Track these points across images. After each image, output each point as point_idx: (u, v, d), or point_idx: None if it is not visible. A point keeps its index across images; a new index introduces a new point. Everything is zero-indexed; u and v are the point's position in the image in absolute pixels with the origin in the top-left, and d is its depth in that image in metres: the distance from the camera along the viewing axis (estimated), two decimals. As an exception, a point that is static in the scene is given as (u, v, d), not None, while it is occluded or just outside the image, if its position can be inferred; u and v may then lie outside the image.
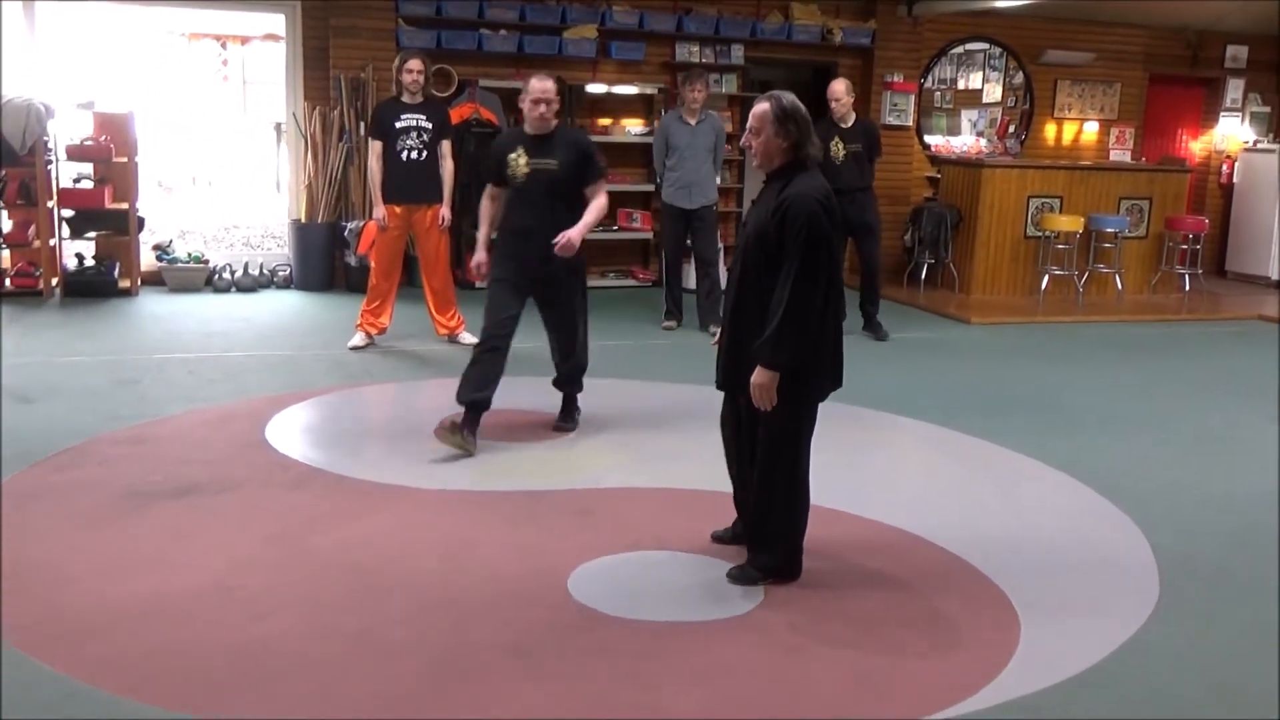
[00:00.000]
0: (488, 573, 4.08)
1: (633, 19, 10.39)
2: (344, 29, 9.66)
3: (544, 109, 5.43)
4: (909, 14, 11.10)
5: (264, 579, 3.97)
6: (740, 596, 3.95)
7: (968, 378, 7.52)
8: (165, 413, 5.96)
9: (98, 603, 3.72)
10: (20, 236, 8.99)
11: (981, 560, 4.35)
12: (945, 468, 5.64)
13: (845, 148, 8.40)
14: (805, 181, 3.84)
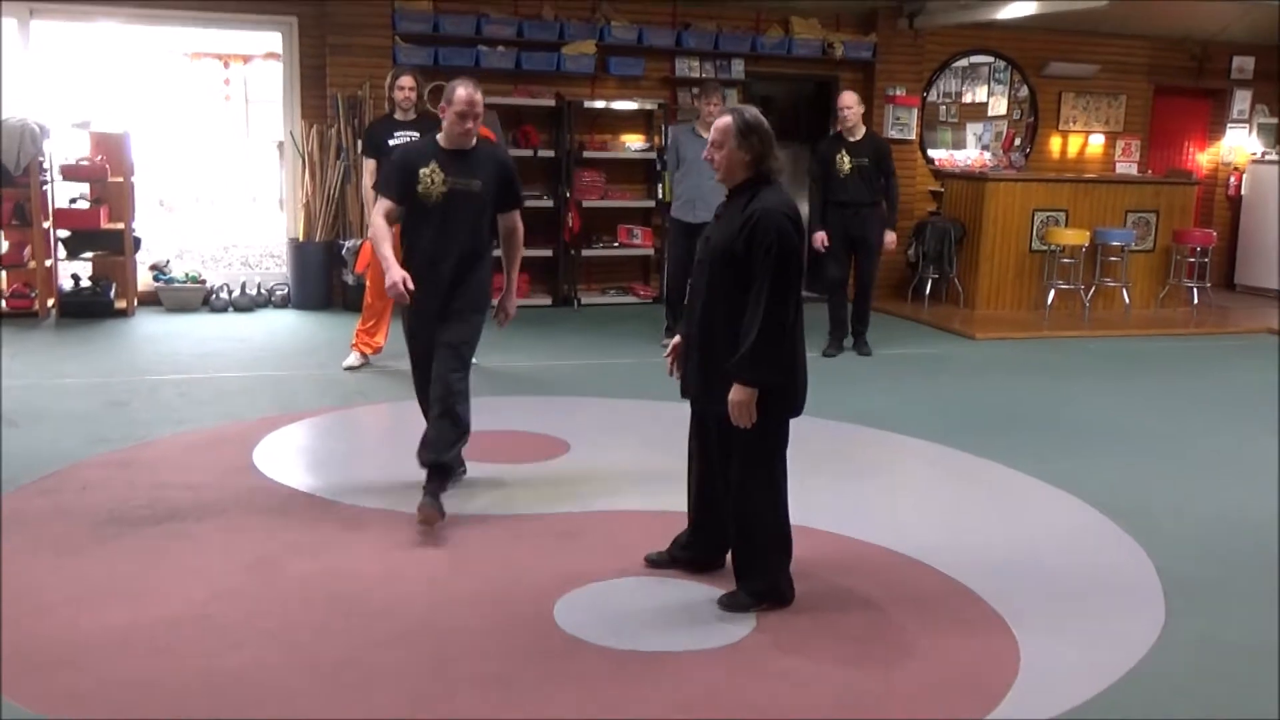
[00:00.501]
0: (472, 600, 3.98)
1: (631, 34, 10.33)
2: (340, 47, 9.61)
3: (470, 124, 4.64)
4: (910, 27, 11.01)
5: (243, 607, 3.87)
6: (731, 623, 3.84)
7: (969, 394, 7.41)
8: (153, 436, 5.88)
9: (72, 632, 3.63)
10: (15, 257, 8.93)
11: (978, 583, 4.23)
12: (943, 487, 5.53)
13: (851, 161, 8.26)
14: (771, 196, 3.80)
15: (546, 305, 10.28)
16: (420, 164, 4.68)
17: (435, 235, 4.69)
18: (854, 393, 7.33)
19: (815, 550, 4.49)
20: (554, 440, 5.98)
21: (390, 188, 4.77)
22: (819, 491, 5.23)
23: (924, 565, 4.41)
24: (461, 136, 4.67)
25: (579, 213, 10.22)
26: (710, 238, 3.93)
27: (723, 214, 3.93)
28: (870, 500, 5.22)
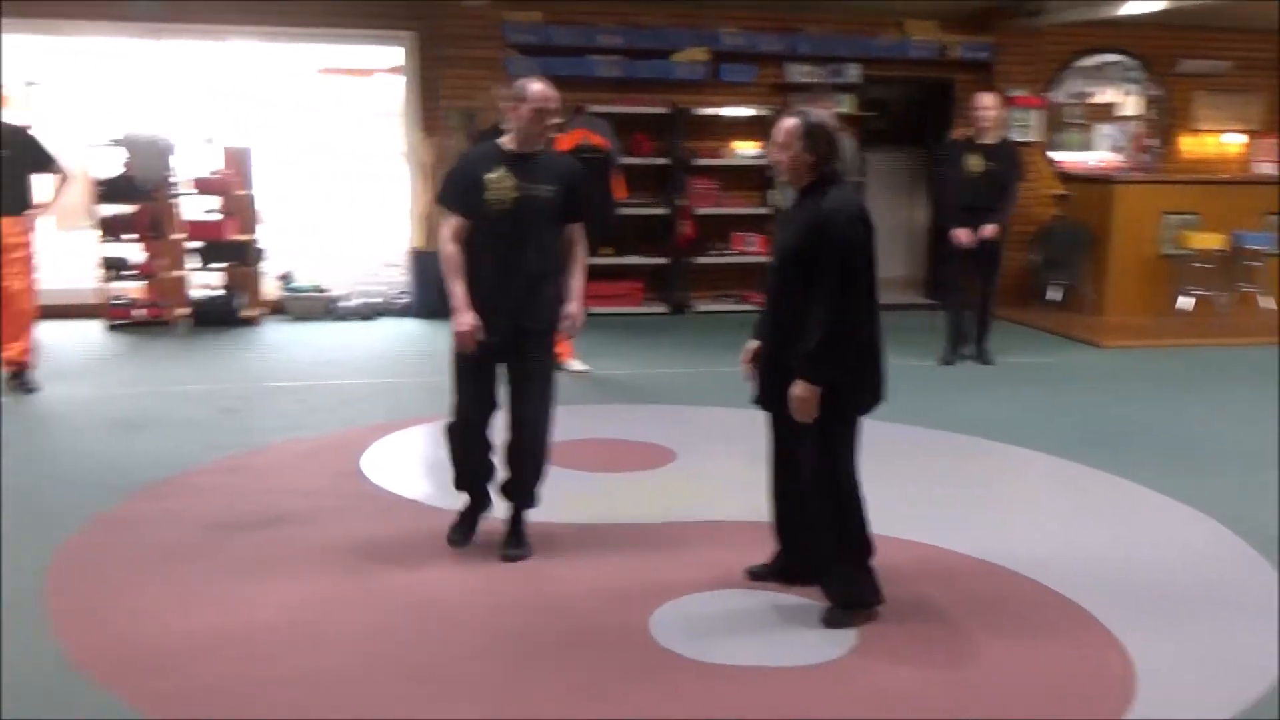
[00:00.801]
0: (566, 610, 3.93)
1: (743, 41, 10.22)
2: (454, 59, 9.72)
3: (549, 121, 4.25)
4: (1030, 26, 10.66)
5: (336, 613, 3.89)
6: (831, 640, 3.71)
7: (1091, 405, 7.10)
8: (266, 442, 5.99)
9: (170, 635, 3.68)
10: (150, 268, 9.25)
11: (1093, 600, 4.02)
12: (1058, 500, 5.29)
13: (982, 164, 7.95)
14: (839, 196, 3.71)
15: (660, 313, 10.23)
16: (486, 169, 4.19)
17: (506, 250, 4.20)
18: (970, 402, 7.10)
19: (919, 564, 4.34)
20: (660, 449, 5.91)
21: (456, 200, 4.23)
22: (926, 504, 5.07)
23: (1035, 581, 4.21)
24: (537, 137, 4.23)
25: (693, 220, 10.15)
26: (780, 241, 3.85)
27: (791, 216, 3.86)
28: (980, 513, 5.02)
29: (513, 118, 4.22)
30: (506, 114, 4.29)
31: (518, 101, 4.18)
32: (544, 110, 4.19)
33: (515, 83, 4.25)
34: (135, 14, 9.29)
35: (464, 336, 4.22)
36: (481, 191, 4.16)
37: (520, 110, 4.18)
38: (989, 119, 8.00)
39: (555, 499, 5.01)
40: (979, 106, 8.05)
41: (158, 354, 8.23)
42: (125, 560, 4.33)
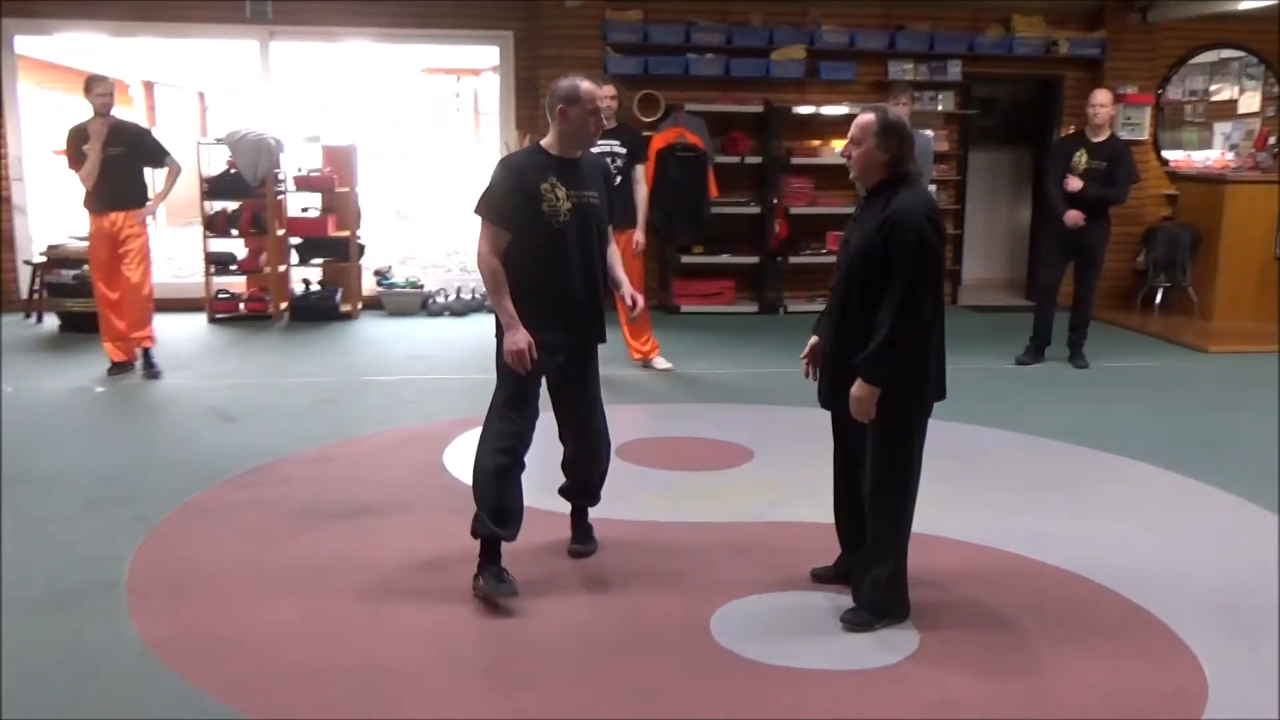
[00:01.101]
0: (630, 607, 3.96)
1: (843, 38, 10.13)
2: (553, 58, 9.80)
3: (602, 122, 4.08)
4: (1143, 21, 10.36)
5: (409, 604, 3.97)
6: (891, 645, 3.67)
7: (1190, 411, 6.88)
8: (355, 434, 6.14)
9: (246, 620, 3.80)
10: (253, 263, 9.54)
11: (1173, 616, 3.90)
12: (1146, 509, 5.13)
13: (1089, 162, 7.77)
14: (910, 196, 3.64)
15: (752, 313, 10.19)
16: (539, 179, 3.91)
17: (566, 263, 3.97)
18: (1062, 405, 6.93)
19: (993, 571, 4.27)
20: (739, 448, 5.90)
21: (503, 214, 3.90)
22: (1006, 510, 4.98)
23: (1112, 591, 4.11)
24: (590, 138, 4.03)
25: (786, 219, 10.09)
26: (849, 241, 3.80)
27: (860, 216, 3.80)
28: (1062, 522, 4.90)
29: (562, 121, 3.96)
30: (557, 117, 3.97)
31: (568, 104, 3.93)
32: (599, 111, 4.00)
33: (561, 82, 3.99)
34: (251, 15, 9.59)
35: (521, 356, 3.92)
36: (538, 202, 3.90)
37: (572, 112, 3.94)
38: (1101, 115, 7.82)
39: (628, 496, 5.05)
40: (1093, 103, 7.87)
41: (258, 347, 8.49)
42: (209, 545, 4.48)
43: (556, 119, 3.98)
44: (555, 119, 3.99)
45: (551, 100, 3.99)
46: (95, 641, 3.63)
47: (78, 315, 8.72)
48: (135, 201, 7.28)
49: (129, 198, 7.24)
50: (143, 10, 9.50)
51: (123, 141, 7.18)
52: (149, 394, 7.00)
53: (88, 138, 7.09)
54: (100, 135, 7.07)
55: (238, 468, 5.46)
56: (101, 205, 7.16)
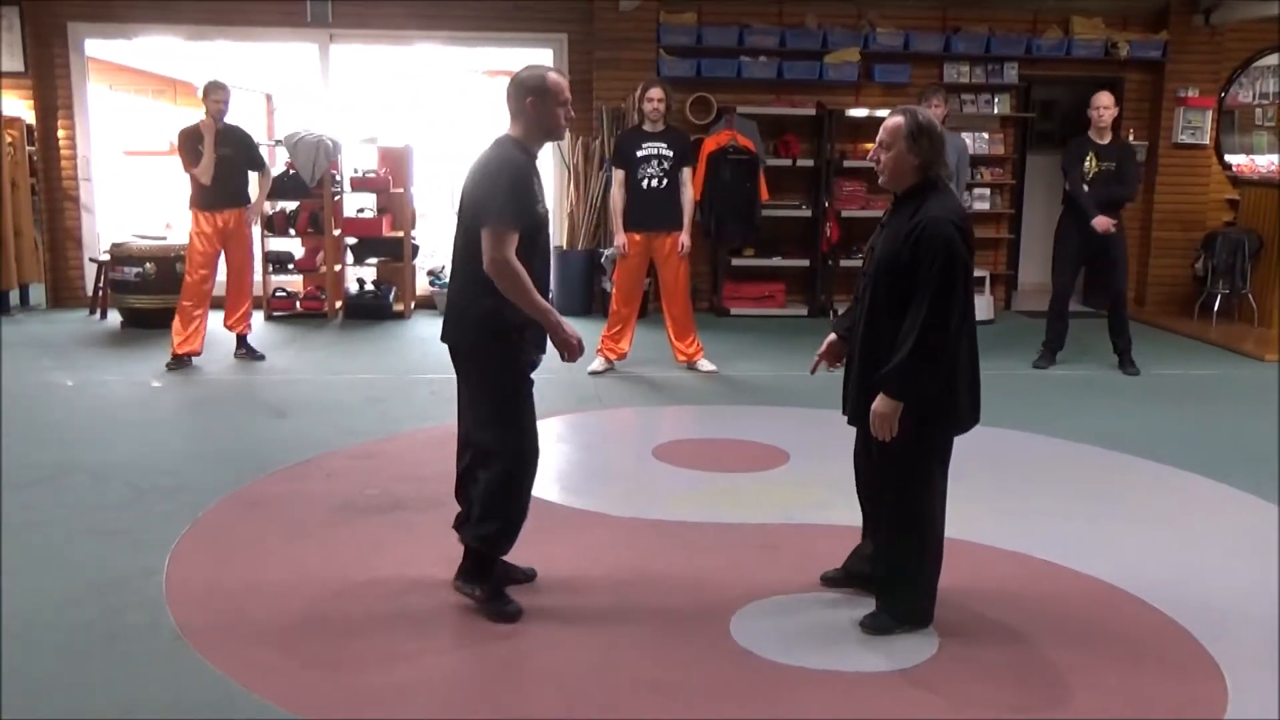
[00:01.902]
0: (653, 605, 4.01)
1: (898, 40, 10.09)
2: (607, 61, 9.89)
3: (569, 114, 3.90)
4: (1206, 23, 10.20)
5: (436, 599, 4.05)
6: (912, 648, 3.68)
7: (1241, 422, 6.76)
8: (398, 430, 6.26)
9: (279, 611, 3.91)
10: (309, 263, 9.74)
11: (1199, 625, 3.87)
12: (1188, 521, 5.06)
13: (1099, 165, 7.85)
14: (939, 204, 3.58)
15: (802, 315, 10.20)
16: (536, 177, 3.82)
17: (546, 263, 3.94)
18: (1113, 413, 6.86)
19: (1021, 578, 4.27)
20: (776, 450, 5.93)
21: (526, 215, 3.72)
22: (1041, 517, 4.96)
23: (1139, 600, 4.08)
24: (560, 131, 3.88)
25: (838, 222, 10.08)
26: (875, 248, 3.75)
27: (888, 222, 3.74)
28: (1101, 531, 4.86)
29: (532, 113, 3.73)
30: (526, 109, 3.73)
31: (537, 96, 3.72)
32: (568, 103, 3.82)
33: (525, 72, 3.80)
34: (311, 19, 9.79)
35: (577, 349, 3.83)
36: (535, 203, 3.78)
37: (541, 105, 3.73)
38: (1106, 119, 7.87)
39: (660, 497, 5.10)
40: (1096, 105, 7.93)
41: (312, 344, 8.66)
42: (249, 536, 4.61)
43: (525, 111, 3.74)
44: (523, 111, 3.74)
45: (518, 91, 3.76)
46: (132, 627, 3.76)
47: (140, 311, 8.97)
48: (243, 200, 7.84)
49: (240, 197, 7.79)
50: (211, 14, 9.74)
51: (232, 144, 7.66)
52: (203, 389, 7.19)
53: (201, 138, 7.51)
54: (214, 136, 7.49)
55: (284, 461, 5.61)
56: (215, 202, 7.61)
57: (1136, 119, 10.62)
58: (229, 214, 7.64)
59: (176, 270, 8.96)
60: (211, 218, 7.60)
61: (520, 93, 3.75)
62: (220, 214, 7.61)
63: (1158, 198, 10.54)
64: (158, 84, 13.29)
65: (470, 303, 3.82)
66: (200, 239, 7.62)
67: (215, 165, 7.49)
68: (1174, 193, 10.53)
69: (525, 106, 3.75)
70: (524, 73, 3.81)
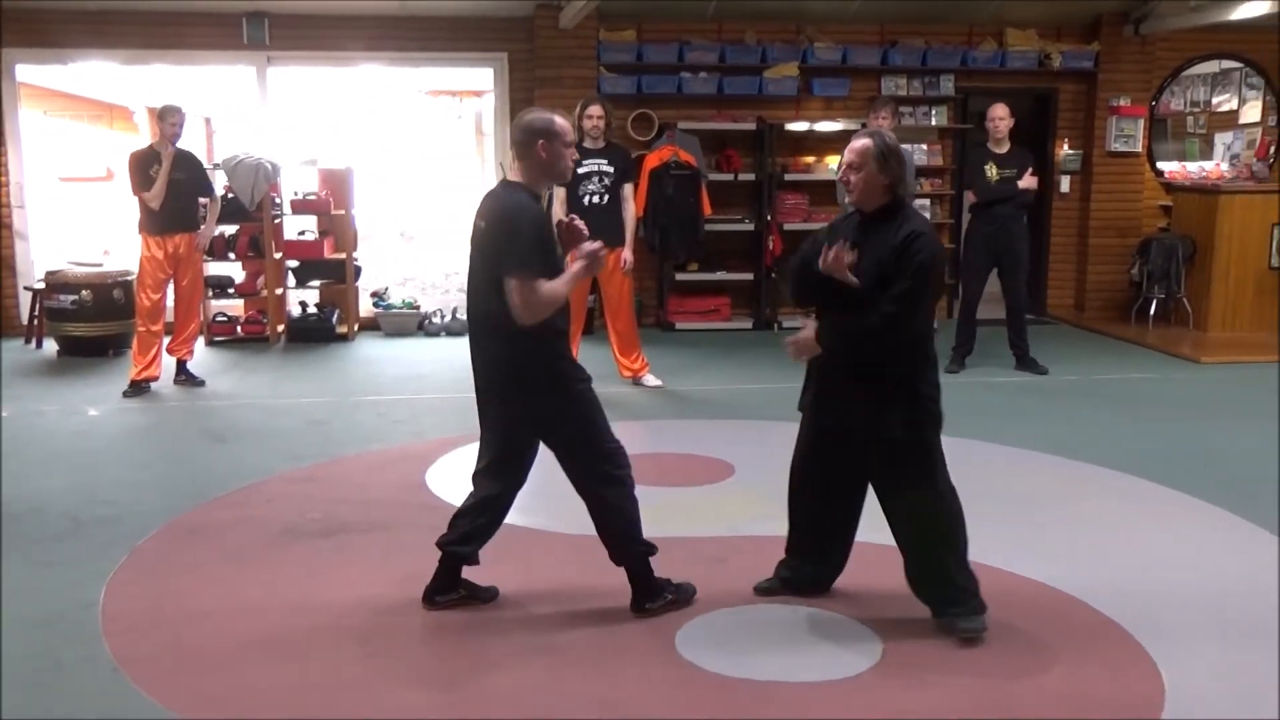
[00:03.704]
0: (601, 621, 4.02)
1: (836, 55, 10.20)
2: (548, 79, 9.90)
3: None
4: (1136, 33, 10.40)
5: (383, 620, 4.03)
6: (855, 654, 3.72)
7: (1177, 423, 6.90)
8: (343, 453, 6.22)
9: (220, 639, 3.88)
10: (250, 286, 9.66)
11: (1136, 622, 3.96)
12: (1128, 523, 5.14)
13: (999, 172, 8.19)
14: (920, 220, 3.80)
15: (747, 329, 10.26)
16: (548, 224, 3.91)
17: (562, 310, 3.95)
18: (1050, 418, 6.97)
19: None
20: (721, 464, 5.96)
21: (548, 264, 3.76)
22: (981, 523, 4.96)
23: (1081, 602, 4.15)
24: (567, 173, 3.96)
25: (780, 235, 10.15)
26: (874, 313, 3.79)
27: (862, 239, 3.82)
28: (1040, 533, 4.93)
29: (543, 155, 3.79)
30: (536, 152, 3.79)
31: (548, 139, 3.79)
32: (573, 144, 3.92)
33: (533, 116, 3.85)
34: (249, 41, 9.73)
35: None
36: (553, 248, 3.86)
37: (553, 147, 3.80)
38: (1001, 129, 8.24)
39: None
40: (992, 117, 8.30)
41: (254, 369, 8.58)
42: (188, 564, 4.56)
43: (535, 154, 3.79)
44: (532, 154, 3.80)
45: (527, 135, 3.80)
46: (68, 660, 3.70)
47: (77, 339, 8.85)
48: (194, 225, 7.85)
49: (190, 222, 7.81)
50: (147, 38, 9.65)
51: (184, 168, 7.63)
52: (143, 417, 7.09)
53: (155, 163, 7.47)
54: (169, 161, 7.46)
55: (225, 488, 5.55)
56: (165, 228, 7.58)
57: (1071, 128, 10.80)
58: (180, 238, 7.61)
59: (114, 297, 8.90)
60: (162, 243, 7.55)
61: (531, 136, 3.79)
62: (171, 239, 7.57)
63: (1094, 205, 10.72)
64: (94, 109, 13.15)
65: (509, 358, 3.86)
66: (151, 264, 7.57)
67: (167, 190, 7.44)
68: (1109, 200, 10.72)
69: (536, 149, 3.79)
70: (531, 116, 3.86)
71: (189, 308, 7.81)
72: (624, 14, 9.96)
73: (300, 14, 9.73)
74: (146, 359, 7.56)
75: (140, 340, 7.59)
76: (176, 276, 7.67)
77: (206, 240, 8.06)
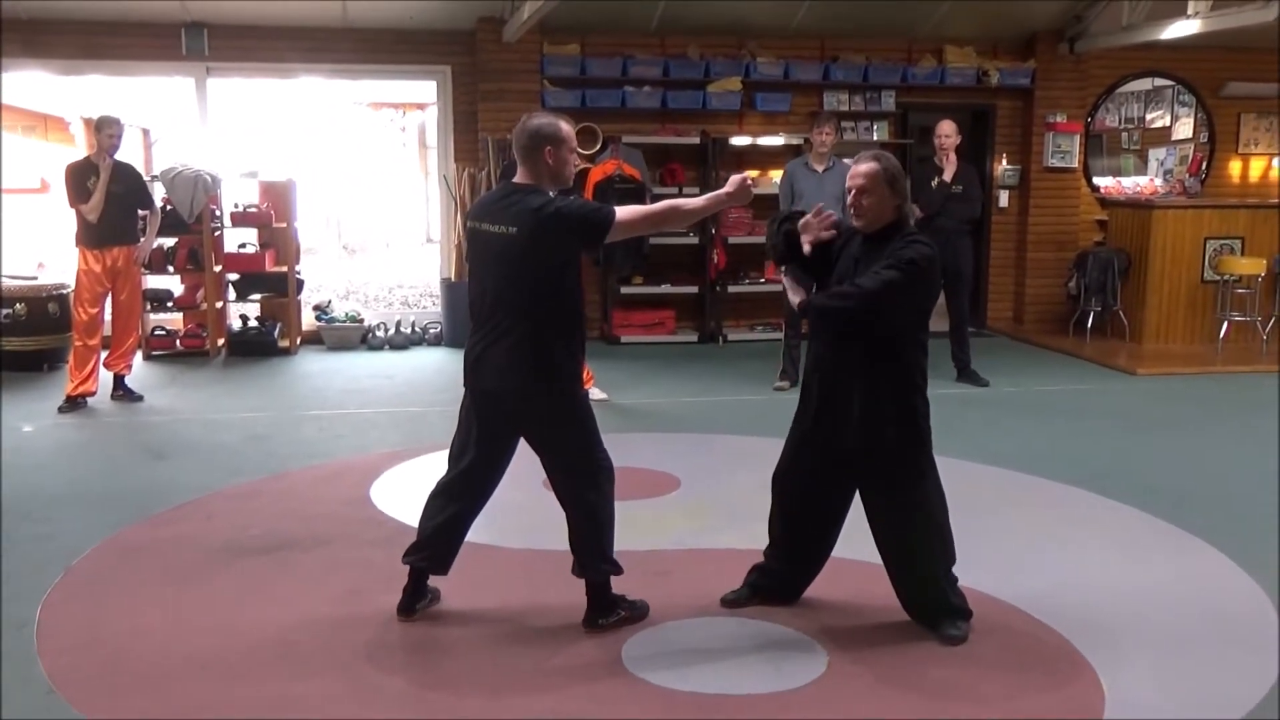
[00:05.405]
0: (543, 636, 4.00)
1: (778, 70, 10.29)
2: (492, 93, 9.90)
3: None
4: (1071, 51, 10.60)
5: (324, 638, 3.99)
6: (802, 666, 3.74)
7: (1112, 434, 7.02)
8: (285, 468, 6.14)
9: (160, 657, 3.81)
10: (189, 299, 9.53)
11: (1076, 631, 4.02)
12: (1068, 533, 5.21)
13: (949, 188, 8.40)
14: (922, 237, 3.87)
15: (692, 341, 10.29)
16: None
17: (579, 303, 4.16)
18: (990, 430, 7.07)
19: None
20: (666, 476, 5.97)
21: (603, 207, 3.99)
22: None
23: (1021, 611, 4.20)
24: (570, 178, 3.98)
25: (725, 249, 10.20)
26: (849, 284, 3.85)
27: (862, 256, 3.88)
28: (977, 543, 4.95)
29: (550, 160, 3.82)
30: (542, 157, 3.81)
31: (555, 145, 3.81)
32: (576, 150, 3.95)
33: (539, 121, 3.86)
34: (187, 52, 9.62)
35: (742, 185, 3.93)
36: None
37: (559, 153, 3.82)
38: (948, 145, 8.46)
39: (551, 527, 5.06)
40: (939, 134, 8.52)
41: (193, 384, 8.46)
42: (125, 583, 4.48)
43: (541, 160, 3.81)
44: (538, 160, 3.81)
45: (534, 141, 3.79)
46: (3, 681, 3.61)
47: (10, 354, 8.66)
48: (133, 238, 7.72)
49: (129, 235, 7.68)
50: (84, 48, 9.50)
51: (123, 181, 7.52)
52: (79, 433, 6.97)
53: (92, 175, 7.35)
54: (107, 173, 7.34)
55: (163, 505, 5.46)
56: (103, 240, 7.45)
57: (1009, 144, 10.98)
58: (118, 252, 7.50)
59: (50, 311, 8.74)
60: (100, 256, 7.44)
61: (538, 142, 3.80)
62: (109, 252, 7.46)
63: (1031, 219, 10.90)
64: (28, 119, 12.92)
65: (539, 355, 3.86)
66: (88, 278, 7.45)
67: (105, 202, 7.33)
68: (1046, 214, 10.91)
69: (543, 155, 3.81)
70: (539, 121, 3.86)
71: (127, 322, 7.70)
72: (567, 28, 9.98)
73: (240, 24, 9.64)
74: (83, 374, 7.43)
75: (77, 355, 7.47)
76: (114, 290, 7.56)
77: (145, 253, 7.91)
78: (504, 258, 3.82)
